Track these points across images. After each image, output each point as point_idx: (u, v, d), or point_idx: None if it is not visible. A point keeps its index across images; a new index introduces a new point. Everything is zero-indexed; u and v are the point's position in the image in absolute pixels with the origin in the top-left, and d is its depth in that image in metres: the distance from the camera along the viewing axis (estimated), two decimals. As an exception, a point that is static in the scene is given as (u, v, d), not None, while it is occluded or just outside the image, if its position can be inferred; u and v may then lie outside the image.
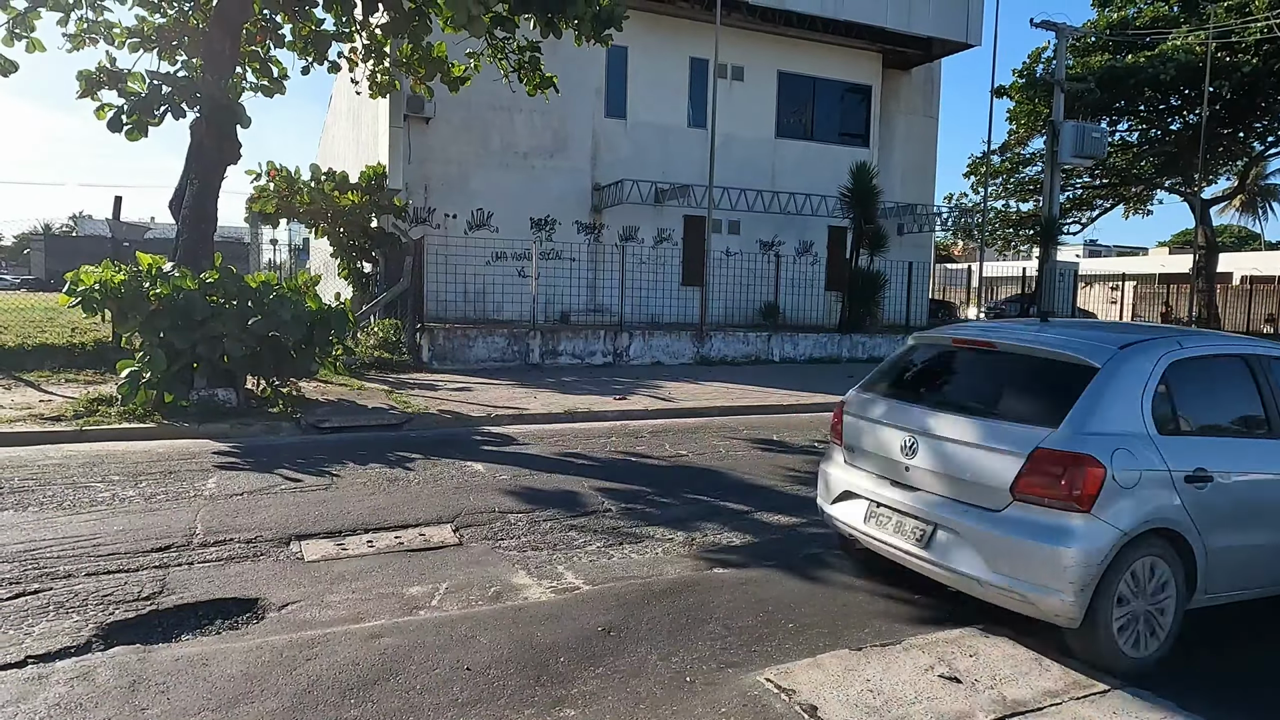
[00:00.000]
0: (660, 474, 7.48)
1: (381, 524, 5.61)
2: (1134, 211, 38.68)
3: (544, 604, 4.34)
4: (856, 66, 22.42)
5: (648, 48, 19.72)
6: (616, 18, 11.27)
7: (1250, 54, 27.40)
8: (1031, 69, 31.25)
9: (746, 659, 3.76)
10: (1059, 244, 24.97)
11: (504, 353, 14.76)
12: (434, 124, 18.01)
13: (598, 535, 5.54)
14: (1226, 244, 49.69)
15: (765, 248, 20.86)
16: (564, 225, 19.39)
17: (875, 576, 4.89)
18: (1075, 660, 3.79)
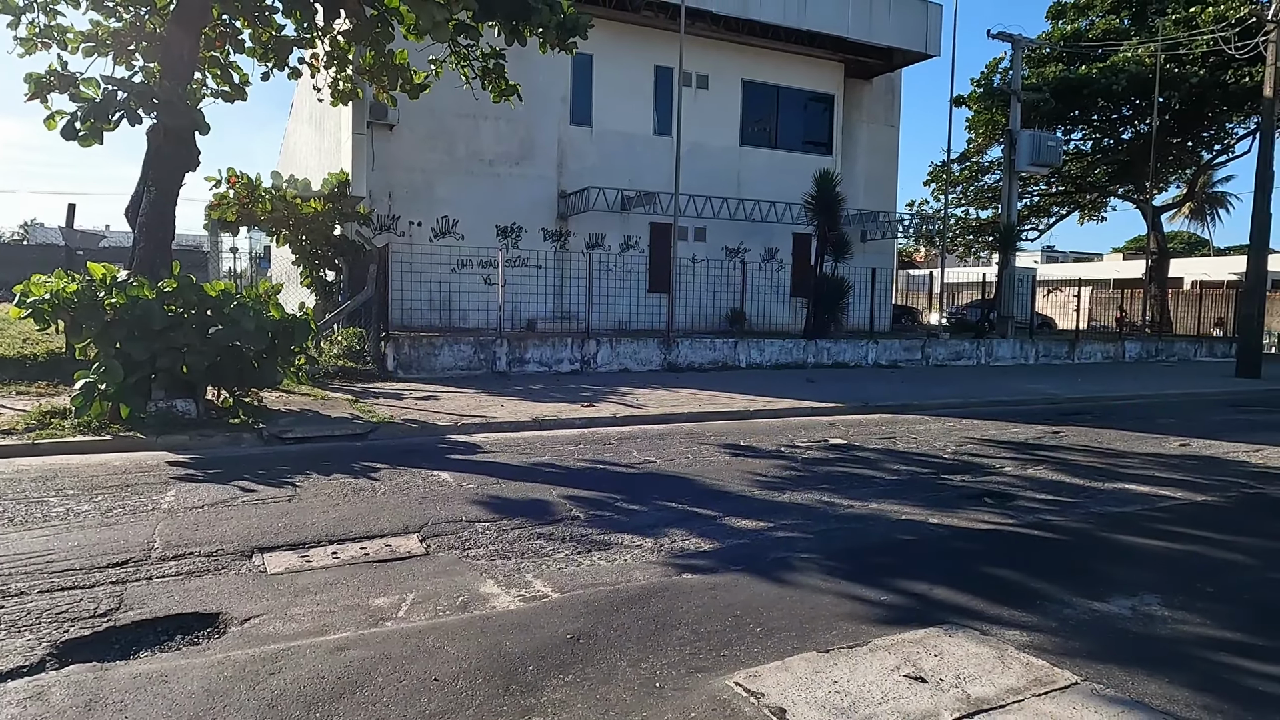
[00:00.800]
0: (628, 481, 7.48)
1: (346, 535, 5.53)
2: (1089, 218, 39.64)
3: (512, 613, 4.31)
4: (819, 76, 22.73)
5: (613, 56, 19.80)
6: (581, 26, 11.29)
7: (1197, 66, 28.28)
8: (989, 79, 31.93)
9: (715, 663, 3.77)
10: (1017, 250, 25.50)
11: (470, 361, 14.67)
12: (398, 131, 17.89)
13: (566, 543, 5.52)
14: (1177, 250, 51.12)
15: (731, 255, 21.02)
16: (530, 233, 19.37)
17: (842, 579, 4.94)
18: (1034, 656, 3.86)
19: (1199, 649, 4.11)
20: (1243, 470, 8.71)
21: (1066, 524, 6.38)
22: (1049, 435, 10.68)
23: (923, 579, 4.96)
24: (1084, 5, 32.49)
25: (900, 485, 7.55)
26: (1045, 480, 7.94)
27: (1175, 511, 6.90)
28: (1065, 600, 4.69)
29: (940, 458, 8.97)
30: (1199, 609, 4.64)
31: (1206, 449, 9.94)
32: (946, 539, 5.90)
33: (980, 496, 7.18)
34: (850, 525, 6.15)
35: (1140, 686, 3.65)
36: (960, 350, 20.60)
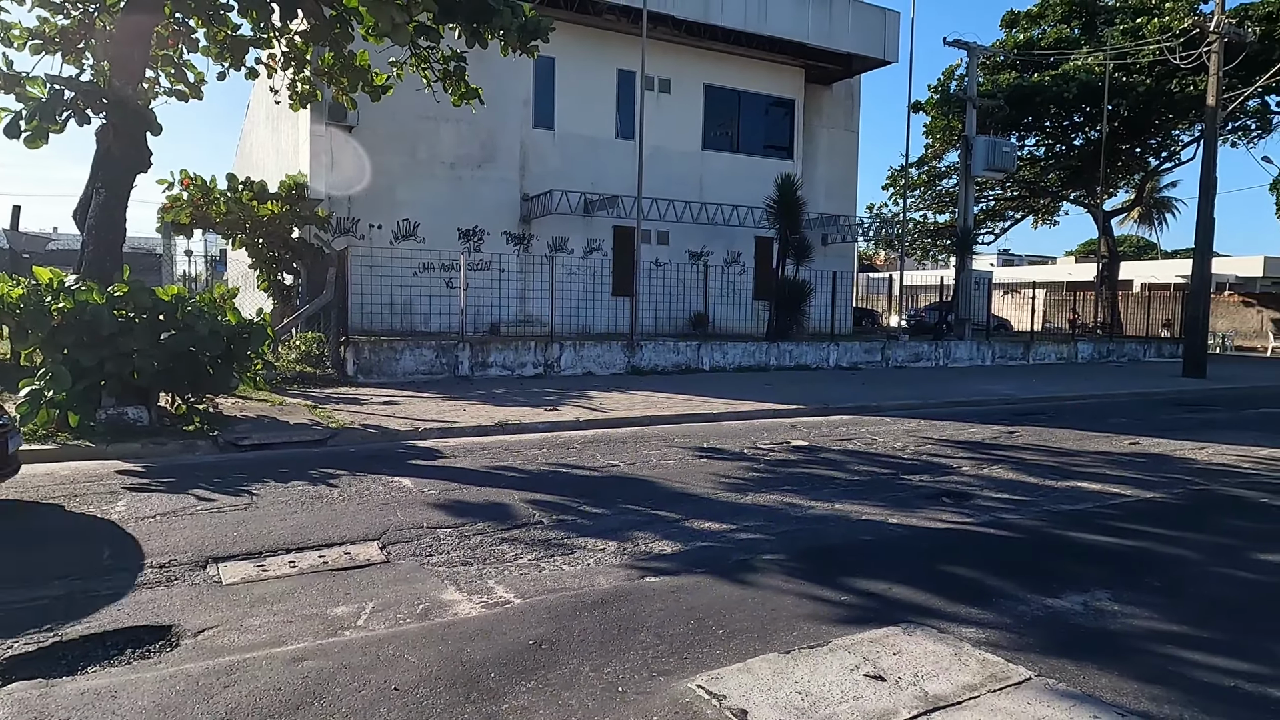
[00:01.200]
0: (592, 485, 7.47)
1: (304, 543, 5.44)
2: (1042, 222, 40.58)
3: (474, 619, 4.28)
4: (780, 81, 22.96)
5: (575, 59, 19.79)
6: (543, 29, 11.27)
7: (1144, 75, 29.13)
8: (945, 86, 32.52)
9: (678, 666, 3.78)
10: (974, 253, 25.98)
11: (432, 365, 14.53)
12: (358, 133, 17.68)
13: (529, 548, 5.50)
14: (1127, 253, 52.51)
15: (694, 258, 21.12)
16: (493, 236, 19.27)
17: (804, 579, 4.99)
18: (990, 653, 3.94)
19: (1147, 642, 4.22)
20: (1189, 467, 8.98)
21: (1022, 522, 6.52)
22: (1005, 435, 10.90)
23: (882, 578, 5.03)
24: (1036, 15, 33.28)
25: (861, 486, 7.65)
26: (1001, 479, 8.10)
27: (1126, 508, 7.08)
28: (1020, 597, 4.79)
29: (900, 458, 9.11)
30: (1147, 603, 4.77)
31: (1155, 447, 10.22)
32: (906, 539, 5.99)
33: (939, 496, 7.30)
34: (812, 526, 6.21)
35: (1092, 681, 3.74)
36: (919, 352, 20.94)
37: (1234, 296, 39.69)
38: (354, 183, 17.77)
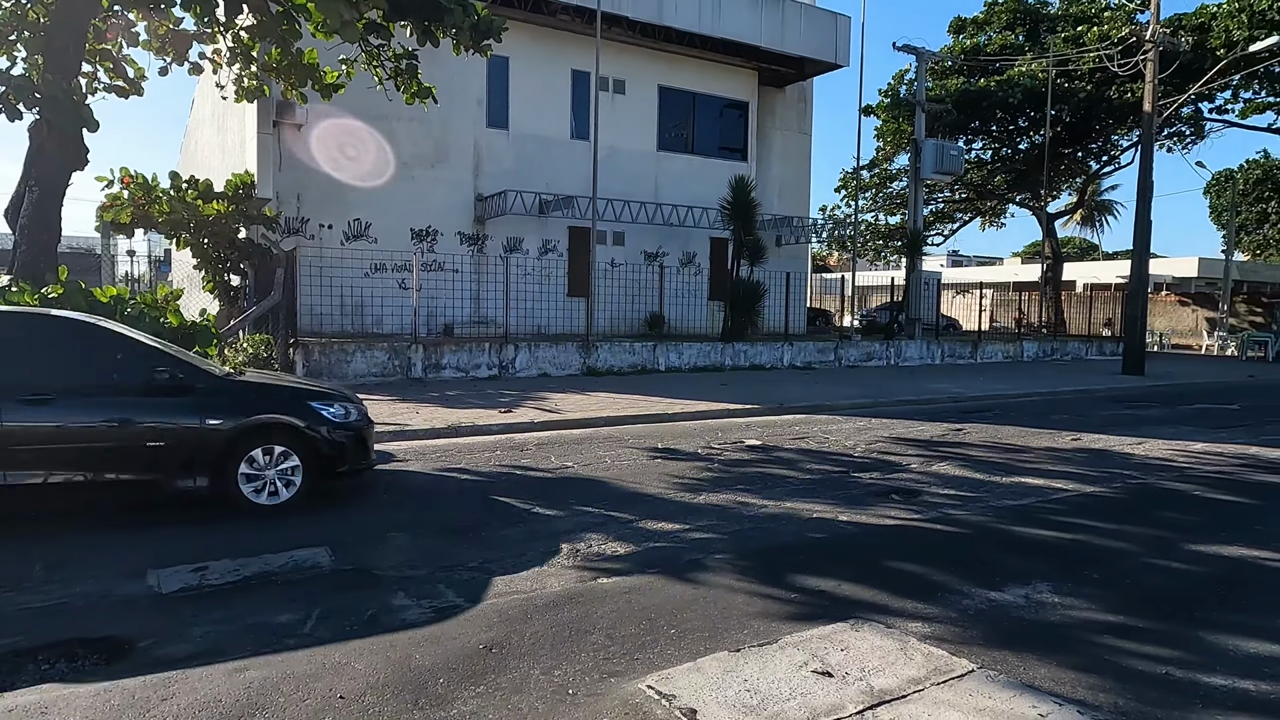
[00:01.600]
0: (546, 486, 7.44)
1: (248, 550, 5.32)
2: (990, 224, 41.54)
3: (423, 624, 4.23)
4: (734, 83, 23.13)
5: (529, 59, 19.69)
6: (495, 28, 11.19)
7: (1085, 81, 30.01)
8: (896, 90, 33.11)
9: (629, 667, 3.79)
10: (924, 255, 26.49)
11: (384, 367, 14.33)
12: (307, 131, 17.34)
13: (481, 551, 5.45)
14: (1070, 254, 54.06)
15: (650, 259, 21.16)
16: (446, 236, 19.07)
17: (755, 578, 5.03)
18: (935, 646, 4.03)
19: (1085, 633, 4.35)
20: (1128, 462, 9.27)
21: (968, 517, 6.67)
22: (953, 432, 11.14)
23: (832, 576, 5.10)
24: (983, 21, 34.06)
25: (813, 484, 7.74)
26: (949, 476, 8.27)
27: (1067, 503, 7.29)
28: (965, 591, 4.90)
29: (851, 456, 9.25)
30: (1086, 594, 4.91)
31: (1096, 443, 10.53)
32: (855, 535, 6.08)
33: (888, 493, 7.43)
34: (764, 525, 6.27)
35: (1031, 671, 3.84)
36: (871, 351, 21.27)
37: (1171, 296, 41.10)
38: (303, 182, 17.43)
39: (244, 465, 6.16)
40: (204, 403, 6.14)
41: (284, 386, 7.03)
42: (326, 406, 6.65)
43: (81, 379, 5.88)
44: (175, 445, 5.96)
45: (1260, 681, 3.81)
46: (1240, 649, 4.16)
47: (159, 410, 5.97)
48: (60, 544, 5.35)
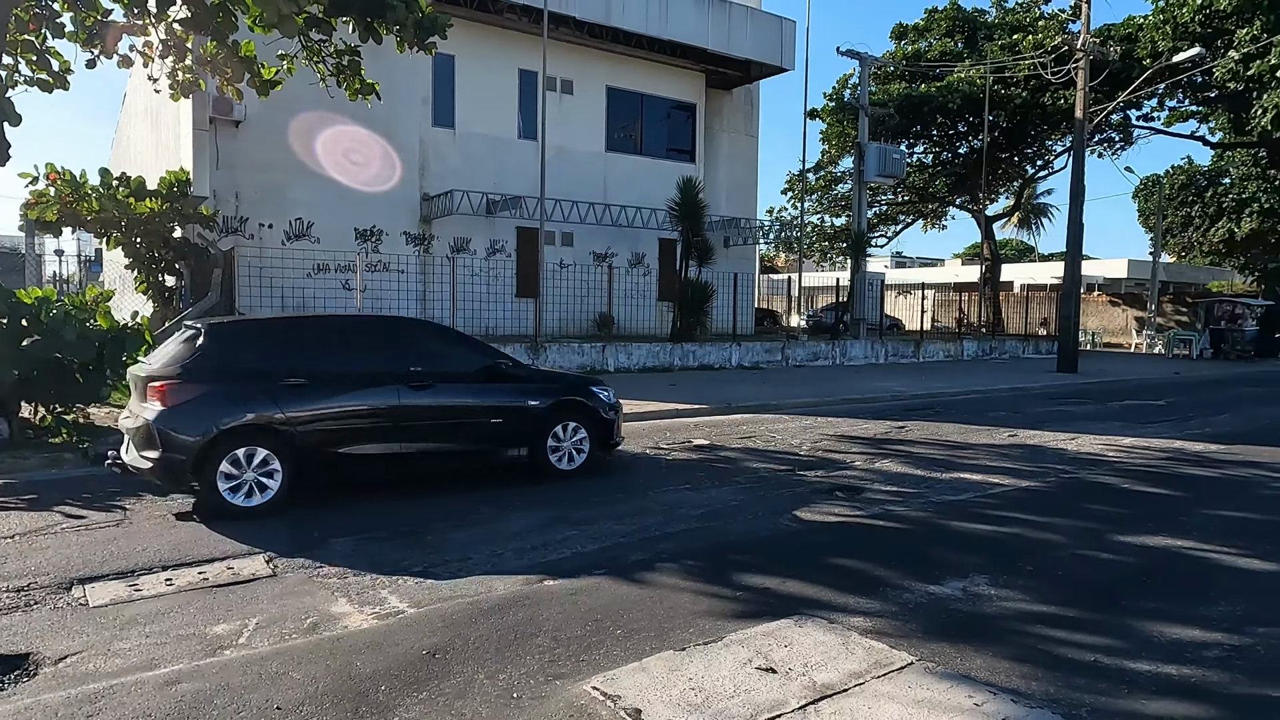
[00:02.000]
0: (493, 489, 7.37)
1: (183, 560, 5.17)
2: (932, 226, 42.54)
3: (365, 631, 4.16)
4: (682, 85, 23.25)
5: (476, 57, 19.51)
6: (440, 26, 11.02)
7: (1021, 88, 30.93)
8: (840, 94, 33.67)
9: (574, 669, 3.78)
10: (868, 256, 27.02)
11: (328, 370, 14.02)
12: (245, 128, 16.92)
13: (426, 555, 5.38)
14: (1008, 256, 55.65)
15: (599, 260, 21.14)
16: (391, 236, 18.77)
17: (701, 577, 5.07)
18: (876, 640, 4.11)
19: (1019, 623, 4.48)
20: (1061, 457, 9.58)
21: (908, 513, 6.82)
22: (895, 430, 11.37)
23: (777, 573, 5.16)
24: (923, 28, 34.87)
25: (759, 482, 7.82)
26: (891, 473, 8.44)
27: (1003, 497, 7.50)
28: (905, 585, 5.00)
29: (797, 454, 9.37)
30: (1020, 586, 5.06)
31: (1031, 439, 10.86)
32: (800, 533, 6.17)
33: (832, 490, 7.55)
34: (710, 524, 6.31)
35: (968, 662, 3.95)
36: (817, 351, 21.59)
37: (1102, 297, 42.62)
38: (242, 180, 16.98)
39: (551, 439, 7.70)
40: (525, 387, 7.71)
41: (571, 374, 9.05)
42: (602, 390, 8.23)
43: (445, 369, 7.29)
44: (510, 421, 7.55)
45: (1182, 666, 3.97)
46: (1164, 635, 4.34)
47: (499, 394, 7.54)
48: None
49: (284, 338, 7.02)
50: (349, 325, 7.80)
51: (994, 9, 34.59)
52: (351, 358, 6.95)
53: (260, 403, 6.30)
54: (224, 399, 6.22)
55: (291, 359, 6.65)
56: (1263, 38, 27.75)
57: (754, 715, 3.37)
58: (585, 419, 7.93)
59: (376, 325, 7.90)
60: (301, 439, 6.40)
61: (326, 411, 6.58)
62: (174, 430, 6.02)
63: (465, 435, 7.35)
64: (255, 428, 6.24)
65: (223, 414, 6.15)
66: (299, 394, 6.46)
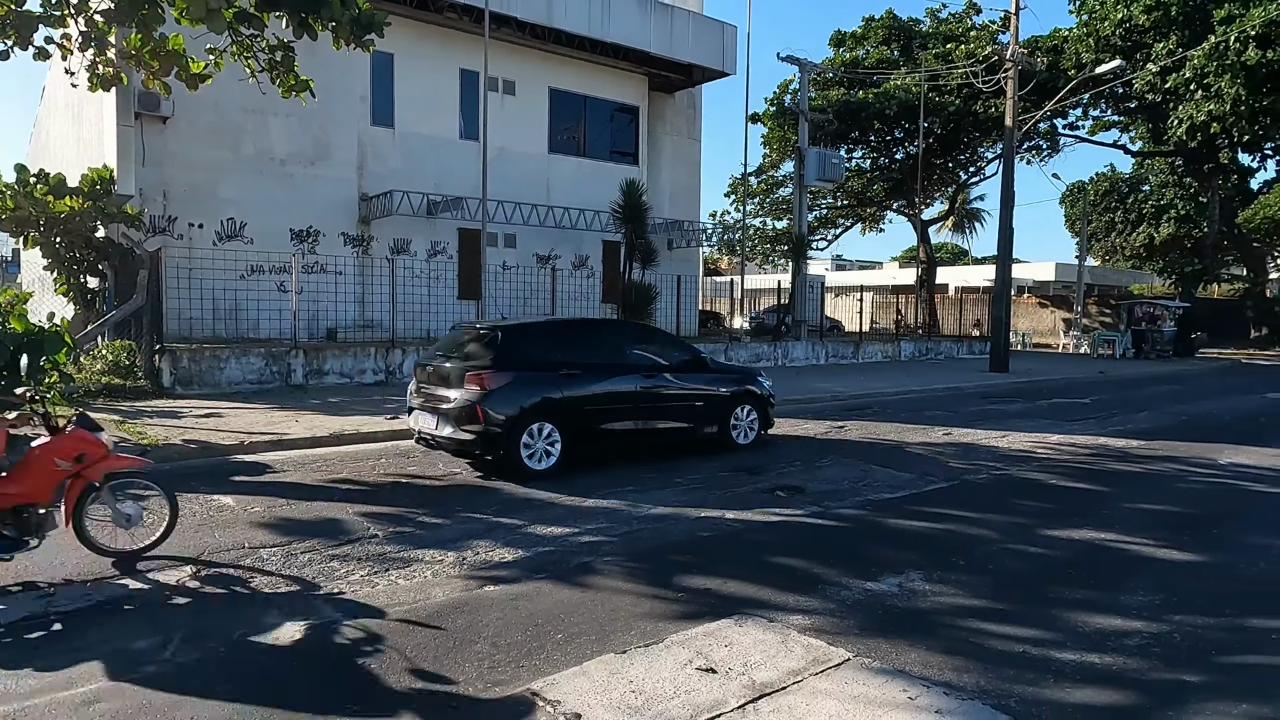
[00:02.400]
0: (433, 494, 7.27)
1: (100, 575, 4.95)
2: (870, 230, 43.49)
3: (298, 642, 4.04)
4: (625, 87, 23.28)
5: (416, 56, 19.21)
6: (377, 23, 10.82)
7: (954, 96, 31.85)
8: (781, 99, 34.17)
9: (514, 675, 3.74)
10: (809, 259, 27.43)
11: (261, 374, 13.65)
12: (173, 124, 16.34)
13: (362, 563, 5.26)
14: (943, 259, 57.16)
15: (542, 261, 21.02)
16: (329, 237, 18.35)
17: (643, 579, 5.07)
18: (814, 638, 4.17)
19: (952, 617, 4.60)
20: (993, 454, 9.87)
21: (848, 511, 6.94)
22: (835, 430, 11.56)
23: (718, 573, 5.19)
24: (861, 35, 35.64)
25: (702, 484, 7.87)
26: (831, 472, 8.58)
27: (938, 494, 7.69)
28: (843, 583, 5.09)
29: (739, 456, 9.45)
30: (953, 581, 5.20)
31: (965, 437, 11.16)
32: (741, 533, 6.22)
33: (774, 491, 7.64)
34: (652, 525, 6.33)
35: (902, 656, 4.03)
36: (759, 352, 21.84)
37: (1032, 299, 44.12)
38: (170, 178, 16.40)
39: (733, 419, 9.52)
40: (716, 377, 9.65)
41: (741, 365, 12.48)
42: (764, 380, 10.10)
43: (664, 361, 9.14)
44: (708, 404, 9.39)
45: (1104, 655, 4.12)
46: (1088, 625, 4.50)
47: (699, 382, 9.38)
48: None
49: (555, 336, 8.88)
50: (600, 326, 10.59)
51: (928, 19, 35.56)
52: (602, 352, 8.81)
53: (547, 388, 8.03)
54: (524, 385, 7.91)
55: (563, 353, 8.42)
56: (1178, 52, 29.12)
57: (694, 716, 3.38)
58: (755, 403, 9.81)
59: (617, 326, 10.93)
60: (573, 416, 8.15)
61: (589, 394, 8.35)
62: (492, 409, 7.64)
63: (679, 415, 9.14)
64: (544, 407, 7.95)
65: (525, 397, 7.85)
66: (571, 381, 8.22)
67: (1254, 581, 5.33)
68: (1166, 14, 29.58)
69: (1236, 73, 27.77)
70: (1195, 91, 29.41)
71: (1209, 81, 28.71)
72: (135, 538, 5.20)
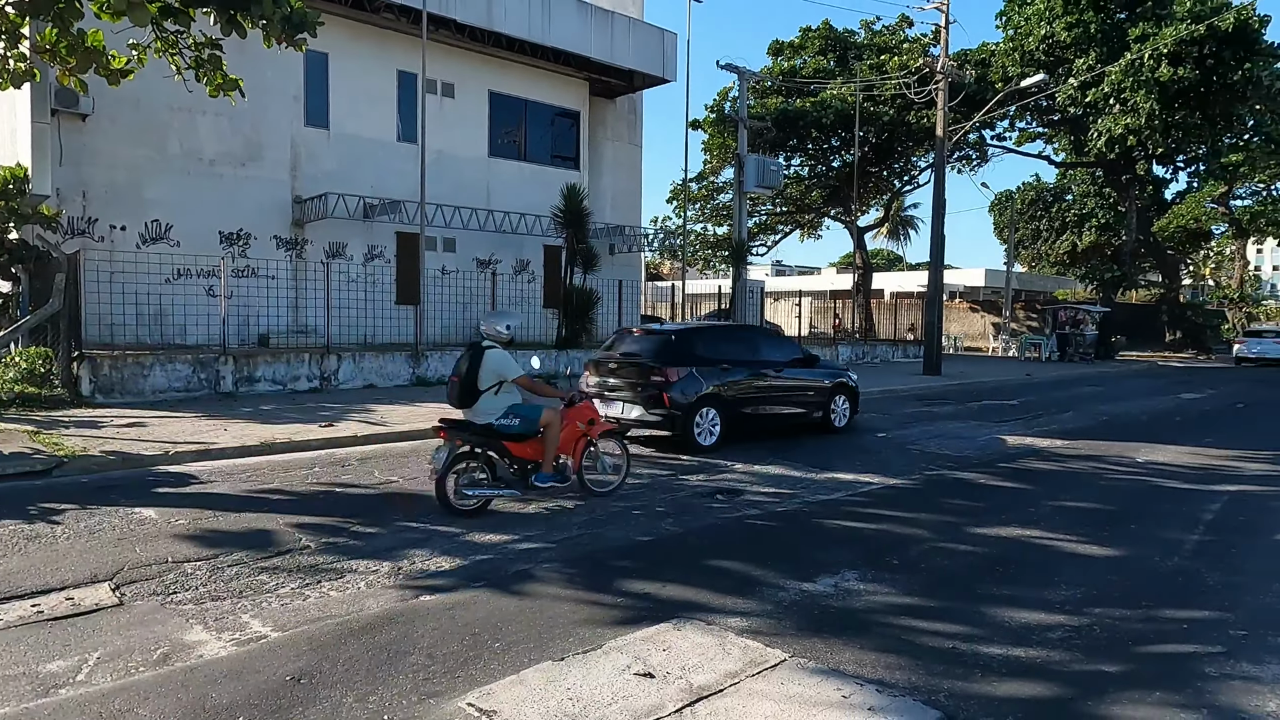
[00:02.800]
0: (368, 503, 7.12)
1: (13, 592, 4.71)
2: (808, 236, 44.26)
3: (223, 660, 3.91)
4: (566, 92, 23.23)
5: (352, 56, 18.84)
6: (310, 21, 10.57)
7: (889, 106, 32.67)
8: (721, 106, 34.58)
9: (450, 686, 3.68)
10: (749, 264, 27.77)
11: (189, 381, 13.18)
12: (93, 122, 15.69)
13: (293, 575, 5.12)
14: (879, 265, 58.49)
15: (482, 266, 20.81)
16: (261, 240, 17.83)
17: (582, 585, 5.05)
18: (751, 640, 4.21)
19: (886, 615, 4.70)
20: (925, 454, 10.13)
21: (785, 513, 7.03)
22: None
23: (657, 577, 5.21)
24: (798, 45, 36.30)
25: (641, 488, 7.88)
26: (770, 474, 8.68)
27: (873, 495, 7.86)
28: (780, 584, 5.15)
29: (679, 459, 9.49)
30: (887, 580, 5.31)
31: (899, 439, 11.43)
32: (680, 536, 6.25)
33: (713, 494, 7.70)
34: (592, 530, 6.31)
35: (837, 656, 4.10)
36: (701, 357, 21.97)
37: (963, 304, 45.46)
38: (90, 178, 15.73)
39: (833, 406, 11.62)
40: (820, 371, 11.74)
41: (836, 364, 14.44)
42: (851, 374, 12.32)
43: (785, 357, 11.31)
44: (815, 393, 11.48)
45: (1029, 648, 4.26)
46: (1014, 620, 4.65)
47: (810, 375, 11.52)
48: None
49: (715, 338, 10.82)
50: (746, 330, 13.19)
51: (863, 31, 36.41)
52: (746, 351, 10.78)
53: (713, 379, 9.91)
54: (698, 377, 9.76)
55: (720, 351, 10.38)
56: (1097, 68, 30.42)
57: (632, 721, 3.37)
58: (849, 394, 11.95)
59: (756, 330, 13.51)
60: (729, 402, 10.07)
61: (741, 385, 10.24)
62: (675, 395, 9.55)
63: (798, 402, 11.20)
64: (711, 395, 9.82)
65: (700, 385, 9.73)
66: (727, 373, 10.10)
67: (1167, 574, 5.58)
68: (1086, 31, 30.89)
69: (1151, 88, 29.16)
70: (1113, 106, 30.78)
71: (1126, 96, 30.09)
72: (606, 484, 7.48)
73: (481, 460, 6.64)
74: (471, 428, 6.69)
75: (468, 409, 6.77)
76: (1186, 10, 29.12)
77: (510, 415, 6.76)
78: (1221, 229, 46.79)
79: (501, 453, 6.70)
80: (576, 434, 7.14)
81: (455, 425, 6.66)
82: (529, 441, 6.81)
